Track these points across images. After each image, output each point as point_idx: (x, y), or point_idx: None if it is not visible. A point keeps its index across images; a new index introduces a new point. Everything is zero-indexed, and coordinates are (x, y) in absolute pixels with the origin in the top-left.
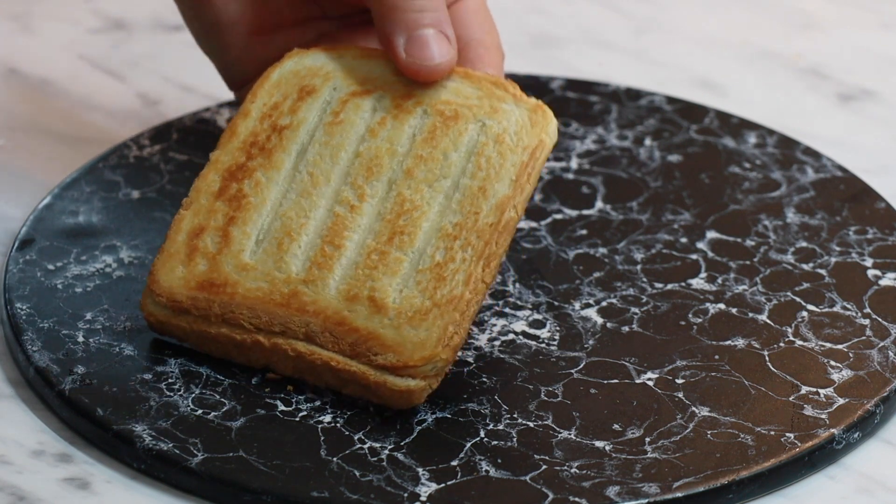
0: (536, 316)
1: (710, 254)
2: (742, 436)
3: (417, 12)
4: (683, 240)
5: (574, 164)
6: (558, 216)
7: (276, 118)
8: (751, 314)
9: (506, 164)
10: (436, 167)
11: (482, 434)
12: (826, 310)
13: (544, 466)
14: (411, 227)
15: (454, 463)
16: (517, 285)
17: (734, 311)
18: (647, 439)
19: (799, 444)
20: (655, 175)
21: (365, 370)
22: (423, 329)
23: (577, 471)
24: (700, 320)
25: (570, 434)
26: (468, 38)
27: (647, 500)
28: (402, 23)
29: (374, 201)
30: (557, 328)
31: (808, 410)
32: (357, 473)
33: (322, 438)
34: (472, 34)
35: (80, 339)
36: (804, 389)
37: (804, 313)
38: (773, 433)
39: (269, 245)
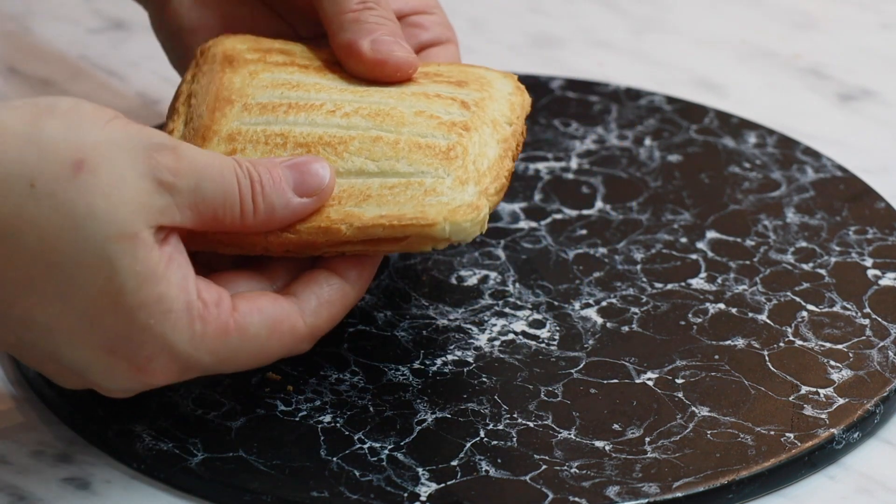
0: (536, 316)
1: (710, 254)
2: (742, 436)
3: (376, 23)
4: (683, 240)
5: (574, 164)
6: (558, 216)
7: None
8: (751, 314)
9: None
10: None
11: (482, 434)
12: (826, 310)
13: (544, 466)
14: None
15: (454, 463)
16: (517, 285)
17: (734, 311)
18: (647, 439)
19: (799, 444)
20: (655, 175)
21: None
22: None
23: (577, 471)
24: (700, 320)
25: (569, 434)
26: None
27: (647, 500)
28: (364, 30)
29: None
30: (557, 328)
31: (808, 410)
32: (357, 473)
33: (322, 438)
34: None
35: None
36: (804, 389)
37: (804, 313)
38: (773, 433)
39: None
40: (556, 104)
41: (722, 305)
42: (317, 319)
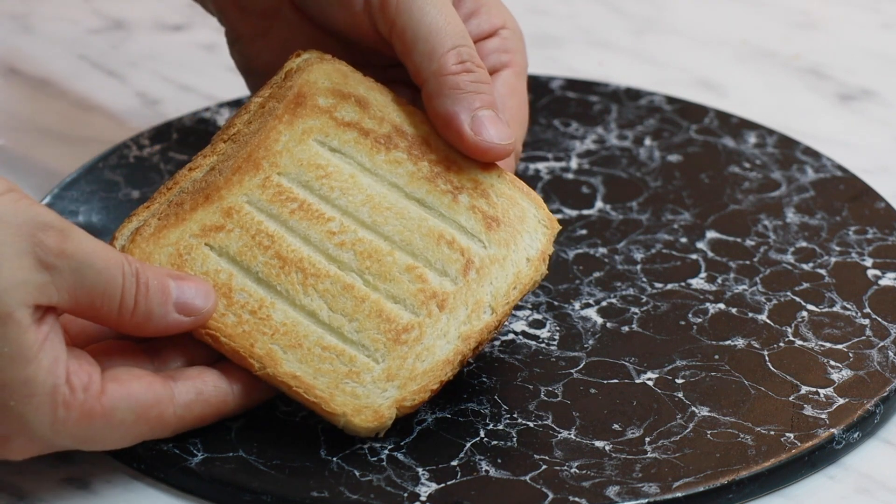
0: (536, 316)
1: (710, 254)
2: (742, 436)
3: (475, 93)
4: (683, 240)
5: (574, 163)
6: (558, 216)
7: None
8: (751, 314)
9: None
10: None
11: (482, 434)
12: (826, 310)
13: (544, 466)
14: None
15: (454, 463)
16: None
17: (734, 311)
18: (647, 439)
19: (799, 444)
20: (655, 175)
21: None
22: None
23: (577, 471)
24: (700, 320)
25: (569, 434)
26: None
27: (646, 500)
28: (464, 101)
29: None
30: (557, 328)
31: (808, 410)
32: (357, 473)
33: (322, 438)
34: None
35: None
36: (804, 389)
37: (804, 313)
38: (772, 433)
39: None
40: (556, 104)
41: (722, 305)
42: (187, 413)
